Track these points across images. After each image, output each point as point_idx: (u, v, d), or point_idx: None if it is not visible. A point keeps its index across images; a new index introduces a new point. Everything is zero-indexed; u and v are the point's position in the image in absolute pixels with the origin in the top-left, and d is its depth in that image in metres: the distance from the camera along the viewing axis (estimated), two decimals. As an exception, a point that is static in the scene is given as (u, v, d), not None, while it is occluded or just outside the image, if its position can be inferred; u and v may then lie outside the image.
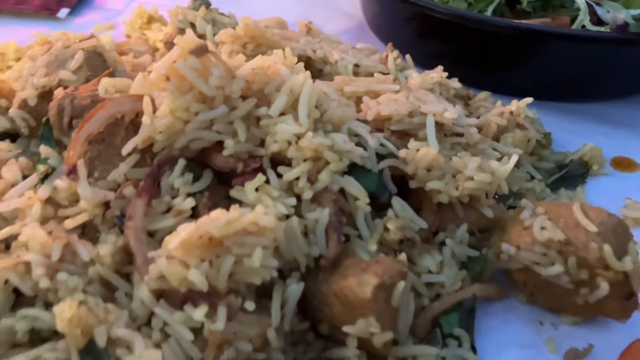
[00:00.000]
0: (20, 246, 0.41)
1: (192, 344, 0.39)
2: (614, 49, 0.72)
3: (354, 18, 0.92)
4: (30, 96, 0.51)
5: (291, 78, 0.46)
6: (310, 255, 0.43)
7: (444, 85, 0.62)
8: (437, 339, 0.44)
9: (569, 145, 0.68)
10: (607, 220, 0.46)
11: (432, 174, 0.48)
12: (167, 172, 0.44)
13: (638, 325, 0.48)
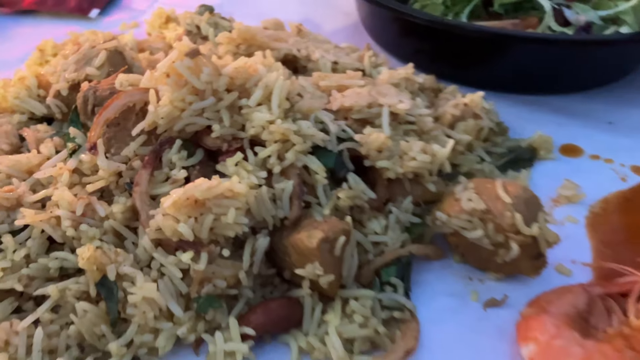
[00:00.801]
0: (52, 205, 0.53)
1: (180, 280, 0.51)
2: (568, 49, 0.81)
3: (351, 17, 1.01)
4: (63, 88, 0.63)
5: (267, 75, 0.57)
6: (277, 216, 0.54)
7: (409, 80, 0.72)
8: (377, 285, 0.55)
9: (525, 133, 0.77)
10: (522, 194, 0.56)
11: (382, 155, 0.58)
12: (167, 149, 0.56)
13: (548, 280, 0.57)
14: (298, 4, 1.07)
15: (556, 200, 0.67)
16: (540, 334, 0.50)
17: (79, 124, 0.59)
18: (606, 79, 0.86)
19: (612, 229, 0.64)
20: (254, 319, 0.51)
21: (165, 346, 0.50)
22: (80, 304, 0.49)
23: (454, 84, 0.81)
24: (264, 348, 0.51)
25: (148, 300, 0.49)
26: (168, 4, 1.04)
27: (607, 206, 0.66)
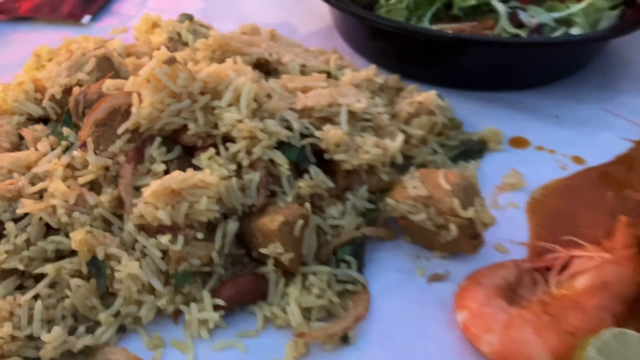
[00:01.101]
0: (49, 195, 0.61)
1: (160, 259, 0.59)
2: (519, 50, 0.88)
3: (325, 20, 1.08)
4: (57, 92, 0.70)
5: (236, 79, 0.65)
6: (245, 204, 0.62)
7: (370, 81, 0.79)
8: (333, 262, 0.63)
9: (478, 127, 0.84)
10: (460, 182, 0.63)
11: (339, 149, 0.66)
12: (148, 146, 0.64)
13: (487, 258, 0.65)
14: (276, 7, 1.14)
15: (501, 188, 0.75)
16: (472, 302, 0.58)
17: (71, 124, 0.67)
18: (556, 76, 0.93)
19: (548, 213, 0.71)
20: (224, 292, 0.59)
21: (147, 316, 0.57)
22: (73, 281, 0.57)
23: (417, 82, 0.88)
24: (234, 317, 0.59)
25: (132, 277, 0.57)
26: (155, 10, 1.11)
27: (546, 192, 0.74)
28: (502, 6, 0.92)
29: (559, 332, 0.54)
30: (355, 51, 0.99)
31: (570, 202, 0.72)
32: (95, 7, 1.08)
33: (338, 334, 0.57)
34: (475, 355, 0.56)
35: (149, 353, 0.56)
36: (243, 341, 0.57)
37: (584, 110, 0.88)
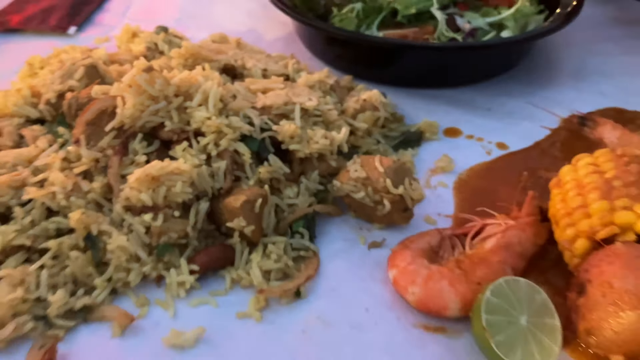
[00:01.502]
0: (49, 184, 0.72)
1: (144, 234, 0.70)
2: (454, 53, 1.01)
3: (288, 27, 1.20)
4: (52, 97, 0.82)
5: (205, 84, 0.77)
6: (214, 187, 0.74)
7: (322, 82, 0.91)
8: (289, 234, 0.75)
9: (418, 120, 0.97)
10: (392, 165, 0.76)
11: (294, 140, 0.78)
12: (132, 141, 0.75)
13: (418, 228, 0.77)
14: (245, 16, 1.26)
15: (433, 171, 0.88)
16: (401, 262, 0.71)
17: (66, 124, 0.79)
18: (489, 74, 1.06)
19: (471, 190, 0.84)
20: (198, 260, 0.71)
21: (134, 280, 0.69)
22: (72, 253, 0.68)
23: (367, 82, 1.01)
24: (207, 280, 0.71)
25: (121, 248, 0.69)
26: (134, 20, 1.23)
27: (471, 173, 0.87)
28: (440, 13, 1.05)
29: (468, 282, 0.67)
30: (314, 55, 1.12)
31: (490, 181, 0.86)
32: (80, 19, 1.19)
33: (292, 290, 0.69)
34: (403, 304, 0.69)
35: (136, 310, 0.68)
36: (215, 298, 0.69)
37: (511, 103, 1.02)
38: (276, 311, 0.69)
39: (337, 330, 0.67)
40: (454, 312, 0.66)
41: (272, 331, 0.67)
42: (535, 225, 0.73)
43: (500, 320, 0.61)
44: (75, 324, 0.66)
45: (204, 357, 0.64)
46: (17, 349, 0.64)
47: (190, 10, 1.27)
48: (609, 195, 0.67)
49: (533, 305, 0.63)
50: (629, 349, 0.60)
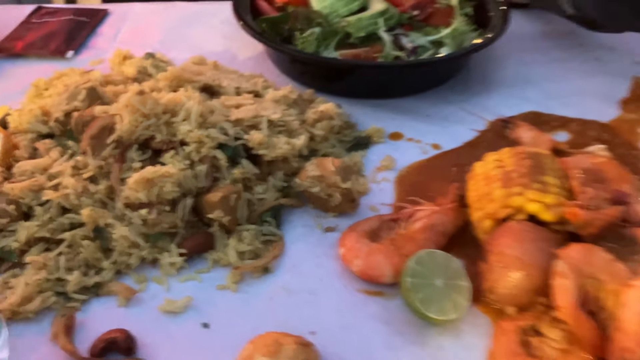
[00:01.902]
0: (62, 187, 0.88)
1: (141, 225, 0.87)
2: (397, 69, 1.20)
3: (259, 47, 1.37)
4: (60, 115, 0.97)
5: (187, 103, 0.94)
6: (197, 186, 0.91)
7: (286, 97, 1.09)
8: (259, 223, 0.93)
9: (367, 126, 1.13)
10: (341, 165, 0.93)
11: (261, 147, 0.95)
12: (129, 151, 0.92)
13: (364, 215, 0.94)
14: (220, 38, 1.42)
15: (379, 168, 1.05)
16: (348, 242, 0.88)
17: (74, 139, 0.95)
18: (431, 85, 1.24)
19: (409, 184, 1.01)
20: (186, 245, 0.88)
21: (134, 262, 0.85)
22: (84, 242, 0.84)
23: (326, 95, 1.18)
24: (193, 261, 0.87)
25: (123, 237, 0.85)
26: (123, 43, 1.40)
27: (410, 170, 1.04)
28: (386, 35, 1.23)
29: (399, 255, 0.84)
30: (281, 72, 1.29)
31: (425, 176, 1.03)
32: (76, 44, 1.35)
33: (261, 266, 0.87)
34: (349, 274, 0.86)
35: (137, 285, 0.84)
36: (200, 275, 0.85)
37: (447, 110, 1.19)
38: (249, 283, 0.86)
39: (297, 296, 0.84)
40: (389, 279, 0.84)
41: (246, 299, 0.84)
42: (455, 210, 0.91)
43: (421, 283, 0.79)
44: (89, 298, 0.83)
45: (191, 320, 0.81)
46: (44, 318, 0.81)
47: (173, 33, 1.43)
48: (507, 184, 0.85)
49: (448, 271, 0.81)
50: (518, 301, 0.78)
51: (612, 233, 0.86)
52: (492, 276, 0.79)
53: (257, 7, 1.32)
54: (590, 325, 0.73)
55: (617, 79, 1.29)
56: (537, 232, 0.80)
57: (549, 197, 0.82)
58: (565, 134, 1.13)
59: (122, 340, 0.76)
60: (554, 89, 1.26)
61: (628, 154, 1.09)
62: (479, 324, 0.80)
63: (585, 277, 0.75)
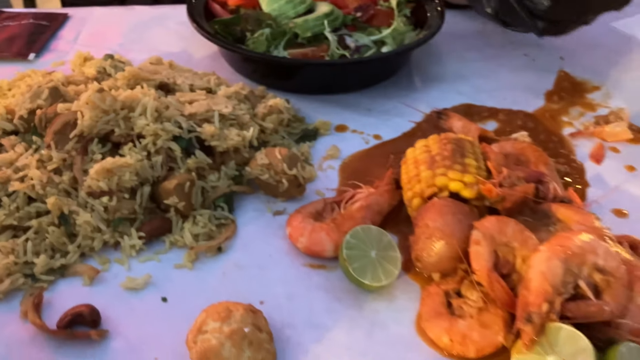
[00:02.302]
0: (28, 179, 0.95)
1: (103, 212, 0.95)
2: (341, 66, 1.30)
3: (213, 47, 1.45)
4: (24, 113, 1.03)
5: (143, 99, 1.02)
6: (154, 175, 0.99)
7: (237, 93, 1.18)
8: (213, 207, 1.01)
9: (315, 119, 1.24)
10: (287, 154, 1.02)
11: (214, 138, 1.04)
12: (90, 144, 1.00)
13: (311, 199, 1.04)
14: (177, 39, 1.50)
15: (325, 157, 1.14)
16: (294, 222, 0.97)
17: (38, 134, 1.02)
18: (373, 81, 1.34)
19: (351, 170, 1.12)
20: (144, 229, 0.96)
21: (97, 245, 0.93)
22: (50, 228, 0.92)
23: (277, 91, 1.27)
24: (152, 243, 0.95)
25: (87, 223, 0.93)
26: (83, 46, 1.46)
27: (352, 158, 1.14)
28: (331, 35, 1.33)
29: (339, 232, 0.94)
30: (235, 70, 1.38)
31: (366, 164, 1.13)
32: (37, 46, 1.41)
33: (215, 246, 0.95)
34: (295, 250, 0.95)
35: (100, 266, 0.92)
36: (158, 256, 0.94)
37: (388, 104, 1.29)
38: (203, 262, 0.94)
39: (247, 271, 0.93)
40: (330, 254, 0.94)
41: (201, 275, 0.92)
42: (390, 192, 1.01)
43: (356, 254, 0.89)
44: (55, 278, 0.90)
45: (151, 295, 0.89)
46: (13, 299, 0.88)
47: (132, 36, 1.50)
48: (432, 167, 0.96)
49: (381, 244, 0.91)
50: (442, 268, 0.89)
51: (529, 208, 0.97)
52: (418, 246, 0.89)
53: (210, 10, 1.41)
54: (502, 286, 0.84)
55: (544, 73, 1.42)
56: (457, 207, 0.91)
57: (468, 177, 0.93)
58: (494, 123, 1.25)
59: (87, 314, 0.83)
60: (485, 83, 1.38)
61: (549, 140, 1.21)
62: (410, 290, 0.91)
63: (498, 244, 0.86)
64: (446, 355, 0.83)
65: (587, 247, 0.83)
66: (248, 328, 0.79)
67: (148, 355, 0.81)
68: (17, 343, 0.82)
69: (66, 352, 0.82)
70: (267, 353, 0.79)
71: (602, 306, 0.81)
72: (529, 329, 0.78)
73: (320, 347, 0.83)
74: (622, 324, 0.82)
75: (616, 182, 1.11)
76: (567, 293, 0.81)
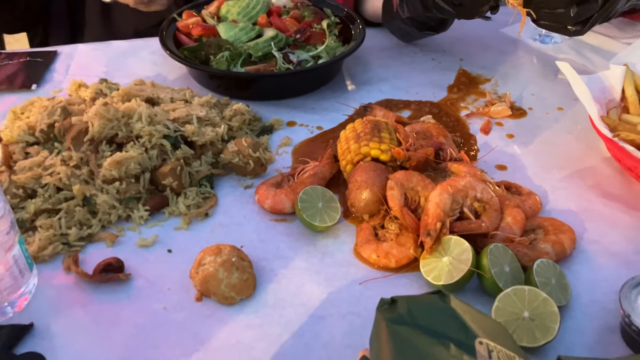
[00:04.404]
0: (56, 174, 1.26)
1: (116, 193, 1.26)
2: (288, 76, 1.65)
3: (183, 69, 1.79)
4: (44, 127, 1.35)
5: (138, 109, 1.34)
6: (152, 164, 1.31)
7: (208, 102, 1.51)
8: (198, 186, 1.34)
9: (270, 118, 1.58)
10: (252, 142, 1.36)
11: (194, 135, 1.37)
12: (100, 145, 1.31)
13: (271, 175, 1.39)
14: (152, 65, 1.81)
15: (280, 146, 1.47)
16: (260, 190, 1.31)
17: (58, 141, 1.33)
18: (314, 87, 1.69)
19: (301, 153, 1.46)
20: (149, 204, 1.27)
21: (114, 219, 1.24)
22: (77, 208, 1.22)
23: (239, 99, 1.62)
24: (155, 215, 1.27)
25: (105, 202, 1.24)
26: (74, 75, 1.77)
27: (301, 144, 1.47)
28: (278, 53, 1.68)
29: (294, 194, 1.27)
30: (202, 86, 1.71)
31: (312, 148, 1.47)
32: (37, 78, 1.70)
33: (203, 212, 1.27)
34: (263, 210, 1.28)
35: (118, 233, 1.23)
36: (161, 223, 1.26)
37: (327, 103, 1.63)
38: (195, 224, 1.26)
39: (229, 227, 1.25)
40: (289, 210, 1.27)
41: (194, 233, 1.24)
42: (330, 164, 1.36)
43: (308, 206, 1.23)
44: (85, 244, 1.21)
45: (159, 249, 1.20)
46: (56, 260, 1.18)
47: (114, 65, 1.81)
48: (358, 141, 1.31)
49: (325, 197, 1.25)
50: (369, 210, 1.24)
51: (431, 167, 1.34)
52: (352, 196, 1.24)
53: (178, 40, 1.74)
54: (411, 217, 1.19)
55: (447, 72, 1.81)
56: (377, 166, 1.26)
57: (384, 145, 1.29)
58: (408, 112, 1.62)
59: (115, 262, 1.14)
60: (401, 82, 1.75)
61: (449, 120, 1.58)
62: (349, 230, 1.25)
63: (407, 189, 1.22)
64: (376, 268, 1.17)
65: (468, 185, 1.20)
66: (234, 258, 1.11)
67: (162, 287, 1.12)
68: (64, 288, 1.12)
69: (102, 290, 1.12)
70: (250, 275, 1.11)
71: (479, 223, 1.17)
72: (429, 240, 1.13)
73: (286, 271, 1.16)
74: (495, 235, 1.18)
75: (499, 145, 1.49)
76: (454, 216, 1.17)
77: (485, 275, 1.06)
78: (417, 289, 1.12)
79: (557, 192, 1.35)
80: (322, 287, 1.12)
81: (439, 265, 1.11)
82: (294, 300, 1.10)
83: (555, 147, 1.49)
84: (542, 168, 1.42)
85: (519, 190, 1.33)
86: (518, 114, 1.61)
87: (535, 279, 1.06)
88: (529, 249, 1.15)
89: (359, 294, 1.11)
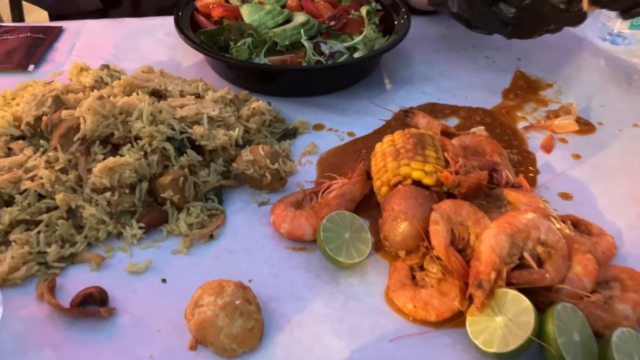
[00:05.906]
0: (38, 178, 1.07)
1: (106, 205, 1.07)
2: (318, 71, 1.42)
3: (200, 56, 1.57)
4: (31, 120, 1.15)
5: (139, 104, 1.14)
6: (151, 172, 1.11)
7: (223, 97, 1.30)
8: (204, 200, 1.14)
9: (294, 119, 1.37)
10: (270, 150, 1.15)
11: (203, 139, 1.16)
12: (92, 146, 1.12)
13: (291, 190, 1.18)
14: (166, 48, 1.62)
15: (304, 153, 1.27)
16: (277, 210, 1.10)
17: (45, 138, 1.13)
18: (347, 84, 1.47)
19: (328, 165, 1.24)
20: (144, 220, 1.08)
21: (102, 236, 1.04)
22: (60, 221, 1.03)
23: (259, 94, 1.40)
24: (151, 233, 1.08)
25: (92, 216, 1.05)
26: (78, 57, 1.57)
27: (329, 154, 1.27)
28: (308, 43, 1.46)
29: (317, 218, 1.07)
30: (220, 76, 1.50)
31: (341, 158, 1.26)
32: (36, 58, 1.52)
33: (207, 234, 1.07)
34: (279, 235, 1.08)
35: (105, 254, 1.04)
36: (157, 243, 1.06)
37: (360, 104, 1.42)
38: (197, 248, 1.07)
39: (237, 254, 1.05)
40: (309, 237, 1.06)
41: (195, 259, 1.04)
42: (362, 182, 1.14)
43: (332, 236, 1.02)
44: (66, 265, 1.02)
45: (152, 277, 1.01)
46: (29, 284, 0.99)
47: (123, 46, 1.61)
48: (397, 158, 1.09)
49: (354, 227, 1.04)
50: (406, 245, 1.02)
51: (483, 193, 1.11)
52: (386, 227, 1.02)
53: (196, 21, 1.53)
54: (458, 259, 0.97)
55: (502, 73, 1.56)
56: (418, 192, 1.04)
57: (428, 166, 1.06)
58: (456, 120, 1.39)
59: (97, 294, 0.95)
60: (448, 83, 1.51)
61: (504, 133, 1.35)
62: (379, 266, 1.04)
63: (454, 223, 1.00)
64: (411, 320, 0.95)
65: (530, 224, 0.97)
66: (239, 301, 0.91)
67: (151, 328, 0.93)
68: (34, 321, 0.94)
69: (79, 327, 0.93)
70: (256, 322, 0.91)
71: (543, 274, 0.95)
72: (480, 293, 0.91)
73: (302, 317, 0.95)
74: (562, 289, 0.95)
75: (563, 169, 1.25)
76: (513, 263, 0.95)
77: (551, 349, 0.84)
78: (460, 352, 0.91)
79: (634, 231, 1.11)
80: (344, 341, 0.91)
81: (491, 327, 0.89)
82: (307, 357, 0.89)
83: (631, 174, 1.25)
84: (616, 200, 1.18)
85: (588, 228, 1.09)
86: (586, 130, 1.37)
87: (614, 356, 0.83)
88: (604, 311, 0.92)
89: (388, 354, 0.90)
